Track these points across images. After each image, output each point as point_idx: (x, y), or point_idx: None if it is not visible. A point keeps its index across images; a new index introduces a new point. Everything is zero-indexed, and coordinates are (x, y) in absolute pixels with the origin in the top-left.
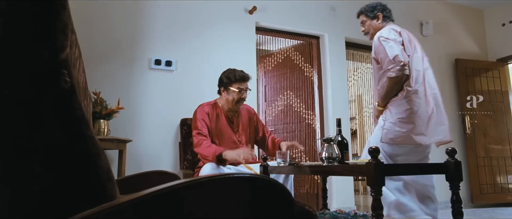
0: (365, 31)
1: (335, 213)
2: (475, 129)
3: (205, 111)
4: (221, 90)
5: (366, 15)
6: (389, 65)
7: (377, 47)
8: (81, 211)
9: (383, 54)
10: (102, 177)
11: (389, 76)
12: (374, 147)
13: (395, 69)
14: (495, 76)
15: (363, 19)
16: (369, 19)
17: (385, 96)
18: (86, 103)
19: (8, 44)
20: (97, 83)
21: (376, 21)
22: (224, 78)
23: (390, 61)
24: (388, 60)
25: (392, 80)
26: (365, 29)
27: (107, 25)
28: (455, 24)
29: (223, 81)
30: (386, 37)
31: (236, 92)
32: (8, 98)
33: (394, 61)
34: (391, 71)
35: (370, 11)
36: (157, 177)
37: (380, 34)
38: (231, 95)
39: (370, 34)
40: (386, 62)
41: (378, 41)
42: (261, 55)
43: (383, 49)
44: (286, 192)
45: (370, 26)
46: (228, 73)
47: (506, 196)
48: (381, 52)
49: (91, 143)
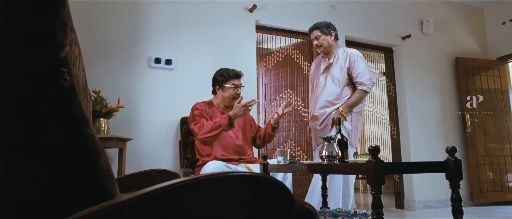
0: (319, 44)
1: (335, 212)
2: (475, 128)
3: (201, 107)
4: (216, 89)
5: (321, 30)
6: (367, 81)
7: (358, 62)
8: (81, 209)
9: (363, 70)
10: (102, 176)
11: (365, 90)
12: (375, 145)
13: (369, 86)
14: (495, 75)
15: (318, 34)
16: (324, 34)
17: (354, 104)
18: (86, 101)
19: (8, 43)
20: (97, 82)
21: (330, 37)
22: (218, 76)
23: (369, 79)
24: (367, 77)
25: (365, 94)
26: (319, 42)
27: (107, 24)
28: (455, 23)
29: (218, 79)
30: (363, 57)
31: (231, 88)
32: (7, 96)
33: (370, 80)
34: (367, 86)
35: (325, 28)
36: (157, 176)
37: (357, 53)
38: (226, 92)
39: (323, 48)
40: (365, 77)
41: (357, 58)
42: (261, 54)
43: (364, 65)
44: (286, 190)
45: (325, 40)
46: (222, 71)
47: (506, 194)
48: (361, 68)
49: (91, 142)
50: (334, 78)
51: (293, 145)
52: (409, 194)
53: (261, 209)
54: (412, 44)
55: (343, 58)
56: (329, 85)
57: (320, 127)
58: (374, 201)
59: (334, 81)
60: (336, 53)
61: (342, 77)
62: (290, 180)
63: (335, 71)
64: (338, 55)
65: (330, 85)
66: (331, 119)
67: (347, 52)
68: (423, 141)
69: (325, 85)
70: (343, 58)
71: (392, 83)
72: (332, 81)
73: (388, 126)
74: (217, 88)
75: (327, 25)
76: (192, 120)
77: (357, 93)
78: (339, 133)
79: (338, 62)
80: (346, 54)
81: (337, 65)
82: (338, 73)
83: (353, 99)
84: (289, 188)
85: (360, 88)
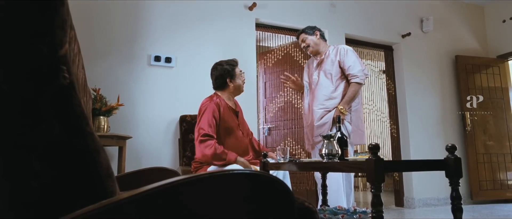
0: (306, 45)
1: (335, 210)
2: (475, 126)
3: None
4: (227, 81)
5: (306, 32)
6: (359, 73)
7: (348, 55)
8: (80, 207)
9: (353, 62)
10: (101, 174)
11: (358, 82)
12: (374, 144)
13: (362, 78)
14: (495, 73)
15: (304, 36)
16: (309, 35)
17: (351, 99)
18: (85, 99)
19: (7, 40)
20: (96, 80)
21: (315, 37)
22: (227, 67)
23: (361, 70)
24: (359, 68)
25: (360, 86)
26: (306, 44)
27: (107, 21)
28: (455, 21)
29: (228, 70)
30: (353, 50)
31: (241, 74)
32: (7, 94)
33: (362, 71)
34: (360, 78)
35: (309, 29)
36: (156, 174)
37: (347, 47)
38: (238, 79)
39: (311, 47)
40: (356, 69)
41: (348, 51)
42: (261, 52)
43: (355, 58)
44: (286, 188)
45: (311, 40)
46: (225, 62)
47: (506, 192)
48: (352, 60)
49: (91, 140)
50: (327, 72)
51: (293, 143)
52: (408, 192)
53: (261, 207)
54: (412, 42)
55: (333, 53)
56: (323, 80)
57: (318, 123)
58: (374, 199)
59: (326, 75)
60: (326, 50)
61: (334, 71)
62: (288, 178)
63: (327, 66)
64: (329, 51)
65: (324, 79)
66: (329, 117)
67: (338, 47)
68: (423, 139)
69: (319, 80)
70: (333, 53)
71: (392, 81)
72: (324, 75)
73: (388, 124)
74: (228, 80)
75: (311, 27)
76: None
77: (352, 87)
78: (339, 131)
79: (329, 57)
80: (336, 49)
81: (328, 60)
82: (329, 66)
83: (349, 94)
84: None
85: (353, 80)
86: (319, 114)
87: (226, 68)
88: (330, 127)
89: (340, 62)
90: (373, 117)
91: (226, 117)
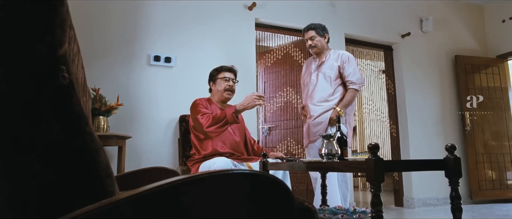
0: (313, 45)
1: (335, 209)
2: (474, 126)
3: (201, 102)
4: (210, 85)
5: (317, 31)
6: (357, 80)
7: (350, 63)
8: (80, 207)
9: (354, 70)
10: (101, 173)
11: (356, 88)
12: (374, 143)
13: (360, 86)
14: (494, 73)
15: (313, 34)
16: (319, 36)
17: (349, 103)
18: (85, 99)
19: (6, 40)
20: (96, 80)
21: (324, 39)
22: (212, 71)
23: (359, 78)
24: (358, 76)
25: (356, 93)
26: (313, 43)
27: (107, 21)
28: (455, 21)
29: (211, 75)
30: (354, 59)
31: (223, 80)
32: (6, 94)
33: (361, 79)
34: (358, 85)
35: (320, 29)
36: (156, 173)
37: (349, 54)
38: (219, 85)
39: (317, 49)
40: (355, 77)
41: (350, 59)
42: (261, 52)
43: (355, 66)
44: (286, 188)
45: (319, 42)
46: (215, 67)
47: (505, 192)
48: (352, 68)
49: (90, 139)
50: (326, 75)
51: (293, 143)
52: (408, 192)
53: (261, 207)
54: (412, 42)
55: (334, 57)
56: (321, 82)
57: (314, 122)
58: (374, 198)
59: (325, 78)
60: (327, 53)
61: (333, 75)
62: (288, 178)
63: (327, 69)
64: (330, 54)
65: (322, 82)
66: (325, 117)
67: (339, 53)
68: (423, 139)
69: (317, 82)
70: (334, 57)
71: (391, 81)
72: (324, 78)
73: (387, 124)
74: (211, 83)
75: (322, 27)
76: (197, 112)
77: (350, 92)
78: (338, 131)
79: (329, 60)
80: (338, 54)
81: (329, 63)
82: (329, 70)
83: (347, 99)
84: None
85: (351, 87)
86: (316, 113)
87: (211, 72)
88: (326, 127)
89: (340, 67)
90: (373, 117)
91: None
